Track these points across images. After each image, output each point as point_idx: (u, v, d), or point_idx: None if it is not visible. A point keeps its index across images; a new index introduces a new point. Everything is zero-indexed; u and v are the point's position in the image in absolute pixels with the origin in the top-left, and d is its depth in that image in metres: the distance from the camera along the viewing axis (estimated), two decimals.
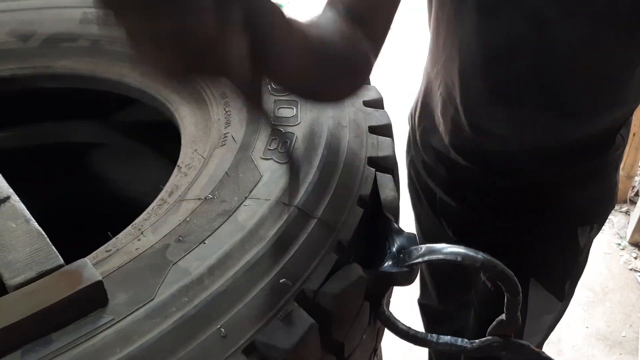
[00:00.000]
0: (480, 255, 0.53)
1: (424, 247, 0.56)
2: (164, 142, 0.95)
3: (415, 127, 1.08)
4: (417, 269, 0.57)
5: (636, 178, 2.49)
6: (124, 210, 0.85)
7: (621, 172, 2.39)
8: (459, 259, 0.53)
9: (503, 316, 0.58)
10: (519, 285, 0.55)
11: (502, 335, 0.60)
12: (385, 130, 0.71)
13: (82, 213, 0.99)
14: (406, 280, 0.56)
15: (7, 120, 1.00)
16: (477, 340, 0.61)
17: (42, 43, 0.98)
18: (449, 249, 0.54)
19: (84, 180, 1.00)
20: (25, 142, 0.97)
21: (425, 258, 0.55)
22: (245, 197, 0.57)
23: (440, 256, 0.55)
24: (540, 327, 1.06)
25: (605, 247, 2.27)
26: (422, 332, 0.60)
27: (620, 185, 2.46)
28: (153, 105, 0.88)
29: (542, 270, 0.98)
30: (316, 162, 0.62)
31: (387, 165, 0.65)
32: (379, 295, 0.57)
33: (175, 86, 0.88)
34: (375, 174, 0.63)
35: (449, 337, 0.61)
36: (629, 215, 2.42)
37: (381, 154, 0.66)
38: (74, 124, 0.98)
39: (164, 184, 0.70)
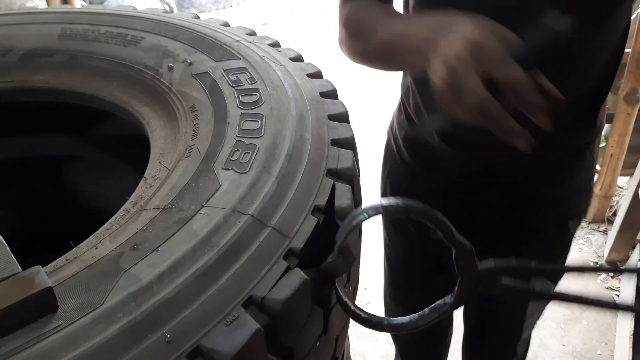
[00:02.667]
0: (400, 201, 0.54)
1: (346, 220, 0.57)
2: (138, 154, 0.96)
3: (396, 129, 1.09)
4: (350, 253, 0.57)
5: (614, 198, 2.51)
6: (97, 222, 0.86)
7: (599, 192, 2.42)
8: (381, 210, 0.54)
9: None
10: (449, 224, 0.55)
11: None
12: (347, 143, 0.72)
13: (57, 224, 0.99)
14: (340, 267, 0.56)
15: None
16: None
17: (21, 58, 0.99)
18: (368, 209, 0.55)
19: (59, 192, 1.00)
20: (2, 155, 0.98)
21: (350, 228, 0.56)
22: (202, 206, 0.58)
23: (362, 217, 0.55)
24: (538, 307, 1.15)
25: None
26: (382, 317, 0.60)
27: (598, 205, 2.48)
28: (127, 118, 0.90)
29: (539, 259, 1.01)
30: (275, 172, 0.63)
31: (347, 176, 0.66)
32: (327, 295, 0.58)
33: (147, 100, 0.89)
34: (333, 184, 0.64)
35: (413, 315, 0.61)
36: (606, 234, 2.44)
37: (341, 165, 0.67)
38: (50, 137, 0.99)
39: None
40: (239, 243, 0.53)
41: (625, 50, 1.15)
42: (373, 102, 3.70)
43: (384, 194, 1.16)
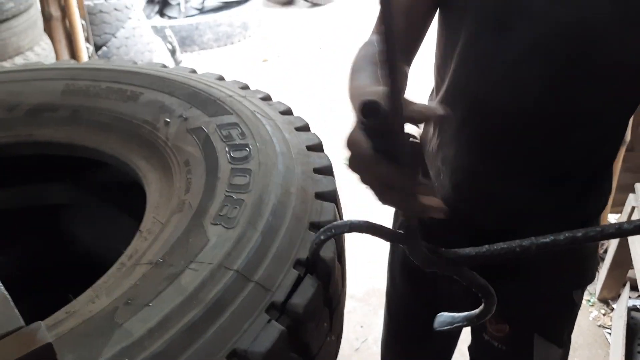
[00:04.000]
0: (367, 222, 0.60)
1: (316, 235, 0.65)
2: (131, 202, 1.01)
3: None
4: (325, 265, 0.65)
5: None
6: (93, 267, 0.90)
7: None
8: (347, 229, 0.62)
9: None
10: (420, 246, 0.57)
11: None
12: (330, 195, 0.77)
13: (55, 270, 1.04)
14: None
15: None
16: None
17: (26, 113, 1.05)
18: (336, 225, 0.64)
19: (57, 239, 1.05)
20: (3, 204, 1.03)
21: (320, 242, 0.64)
22: (191, 261, 0.63)
23: (329, 233, 0.63)
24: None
25: None
26: None
27: None
28: (124, 170, 0.95)
29: (543, 326, 1.04)
30: (260, 227, 0.67)
31: None
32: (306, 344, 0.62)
33: (144, 154, 0.95)
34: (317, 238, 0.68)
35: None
36: (598, 272, 2.46)
37: (323, 218, 0.72)
38: (48, 186, 1.04)
39: (129, 243, 0.76)
40: (224, 298, 0.58)
41: None
42: None
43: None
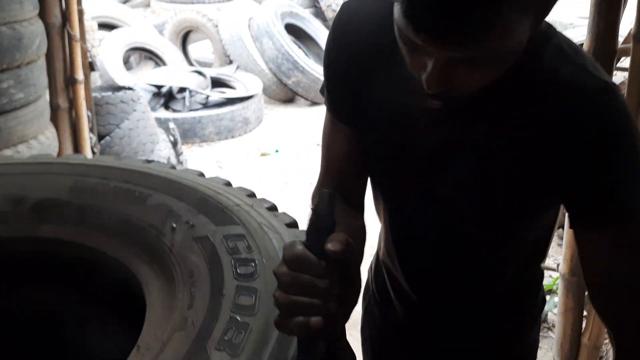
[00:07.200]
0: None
1: None
2: (129, 307, 0.98)
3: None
4: None
5: (602, 348, 2.48)
6: None
7: (587, 342, 2.40)
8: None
9: None
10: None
11: None
12: None
13: None
14: None
15: None
16: None
17: (31, 208, 1.05)
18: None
19: (53, 345, 1.01)
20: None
21: None
22: None
23: None
24: None
25: None
26: None
27: (588, 356, 2.44)
28: (125, 276, 0.93)
29: None
30: (266, 356, 0.65)
31: None
32: None
33: (147, 259, 0.94)
34: None
35: None
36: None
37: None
38: (42, 287, 1.01)
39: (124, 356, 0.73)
40: None
41: None
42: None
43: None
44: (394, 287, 1.12)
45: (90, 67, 3.11)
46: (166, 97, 5.26)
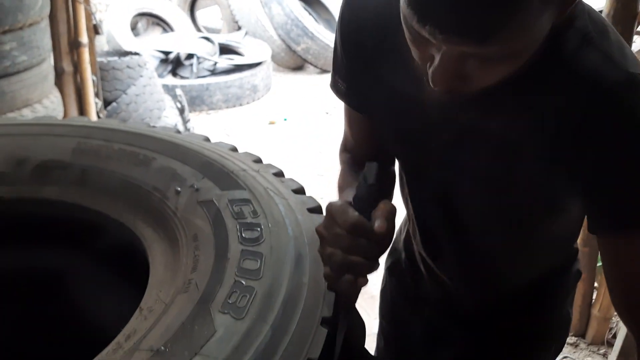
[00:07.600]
0: None
1: None
2: (132, 270, 0.97)
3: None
4: None
5: (613, 319, 2.47)
6: (92, 337, 0.85)
7: (597, 313, 2.39)
8: None
9: None
10: None
11: None
12: None
13: (52, 338, 0.99)
14: None
15: None
16: None
17: (34, 169, 1.03)
18: None
19: (55, 306, 1.01)
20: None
21: None
22: (195, 353, 0.59)
23: None
24: None
25: None
26: None
27: (597, 327, 2.44)
28: (128, 239, 0.92)
29: None
30: (271, 320, 0.64)
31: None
32: None
33: (151, 222, 0.92)
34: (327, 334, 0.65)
35: None
36: (606, 358, 2.38)
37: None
38: (46, 249, 1.00)
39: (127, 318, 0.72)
40: None
41: None
42: None
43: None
44: (424, 264, 1.09)
45: (95, 30, 3.06)
46: (174, 64, 5.21)
